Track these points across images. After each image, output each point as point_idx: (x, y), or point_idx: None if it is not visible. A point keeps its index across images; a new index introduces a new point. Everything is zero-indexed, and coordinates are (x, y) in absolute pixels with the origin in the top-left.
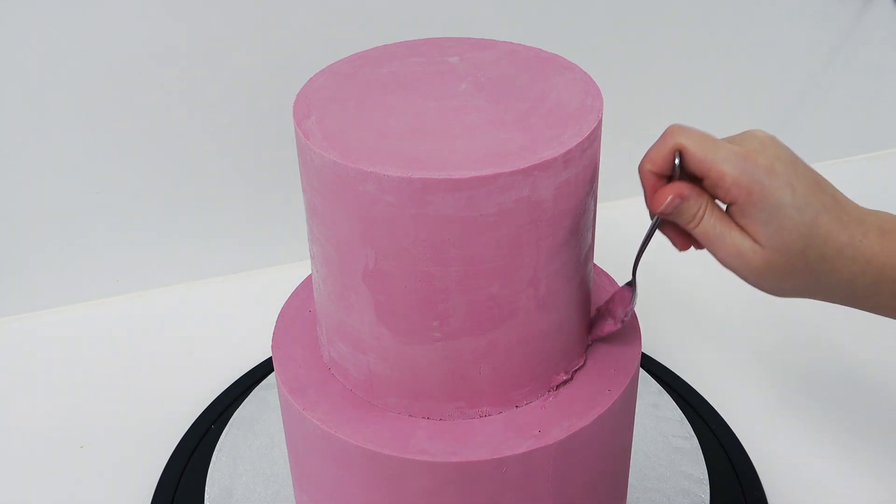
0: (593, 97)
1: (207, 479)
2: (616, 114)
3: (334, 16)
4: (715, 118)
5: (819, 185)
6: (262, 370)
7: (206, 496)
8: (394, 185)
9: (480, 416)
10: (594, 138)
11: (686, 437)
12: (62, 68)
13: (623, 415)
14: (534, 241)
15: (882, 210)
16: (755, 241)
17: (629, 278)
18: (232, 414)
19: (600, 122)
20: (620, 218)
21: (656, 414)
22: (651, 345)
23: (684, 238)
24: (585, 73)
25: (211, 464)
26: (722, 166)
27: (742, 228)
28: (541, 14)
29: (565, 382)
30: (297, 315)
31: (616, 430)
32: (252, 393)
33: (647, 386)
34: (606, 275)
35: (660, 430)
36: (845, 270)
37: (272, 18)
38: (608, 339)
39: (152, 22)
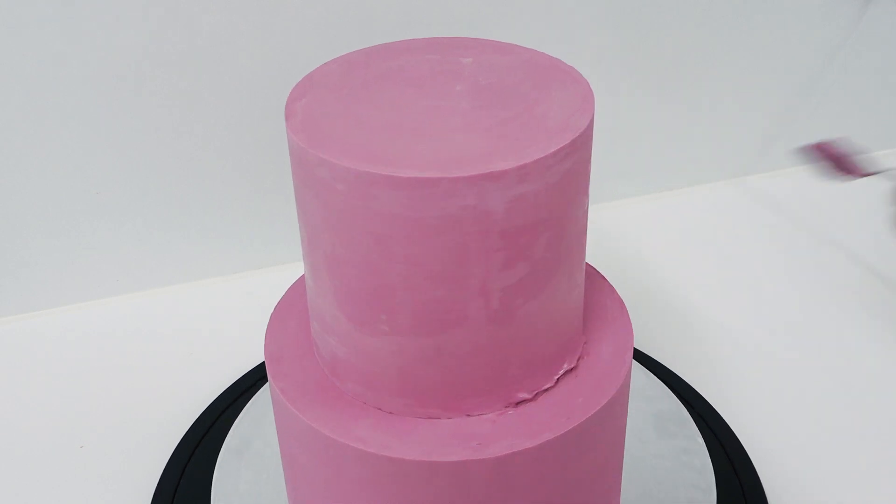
0: (581, 116)
1: (215, 473)
2: (612, 114)
3: (335, 16)
4: (715, 118)
5: None
6: (243, 385)
7: (212, 490)
8: (342, 175)
9: (428, 418)
10: (562, 156)
11: (697, 450)
12: (62, 68)
13: (581, 445)
14: (482, 252)
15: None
16: None
17: (626, 280)
18: (237, 411)
19: (578, 140)
20: (616, 219)
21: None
22: (651, 345)
23: None
24: (590, 90)
25: (219, 457)
26: None
27: None
28: (534, 7)
29: (525, 401)
30: (296, 294)
31: (570, 459)
32: (257, 394)
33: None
34: (602, 277)
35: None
36: None
37: (273, 18)
38: (593, 364)
39: (153, 22)
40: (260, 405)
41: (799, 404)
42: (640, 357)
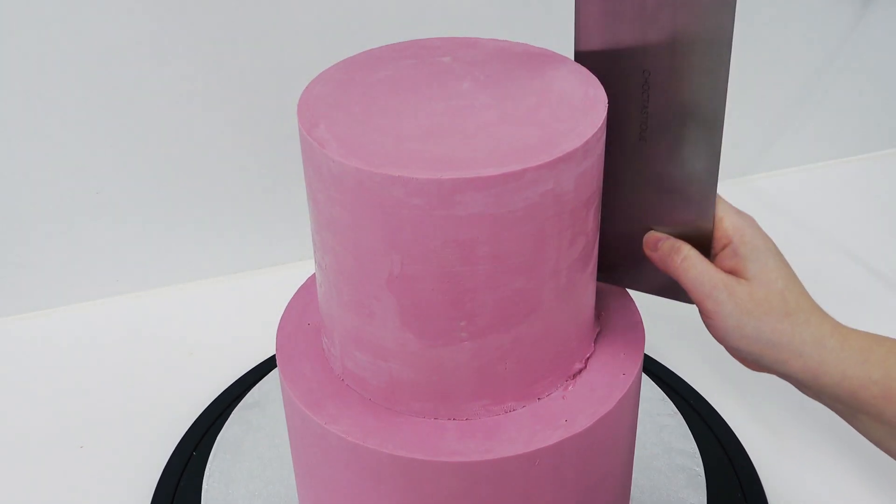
0: (595, 87)
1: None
2: None
3: (332, 18)
4: None
5: None
6: (242, 385)
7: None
8: (422, 188)
9: (506, 412)
10: (605, 128)
11: (671, 412)
12: (62, 68)
13: (636, 398)
14: (556, 233)
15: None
16: (740, 277)
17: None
18: (217, 435)
19: (607, 111)
20: None
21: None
22: (650, 344)
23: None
24: (578, 64)
25: (203, 490)
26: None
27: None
28: (520, 9)
29: (580, 371)
30: (296, 330)
31: (632, 413)
32: (232, 414)
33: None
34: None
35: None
36: (817, 326)
37: (272, 18)
38: (611, 324)
39: (152, 21)
40: (242, 427)
41: (799, 404)
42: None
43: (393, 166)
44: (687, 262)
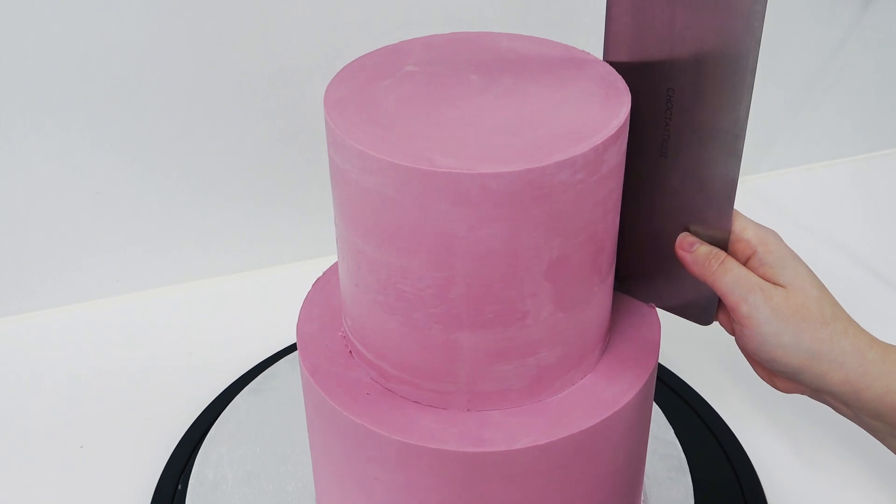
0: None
1: None
2: None
3: (330, 17)
4: None
5: None
6: (243, 385)
7: None
8: (587, 161)
9: (606, 351)
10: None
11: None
12: (63, 68)
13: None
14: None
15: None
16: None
17: None
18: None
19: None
20: None
21: None
22: None
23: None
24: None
25: None
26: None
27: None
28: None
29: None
30: (341, 384)
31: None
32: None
33: None
34: None
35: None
36: (855, 336)
37: (272, 17)
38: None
39: (153, 21)
40: (241, 406)
41: (799, 404)
42: None
43: (555, 154)
44: (724, 266)
